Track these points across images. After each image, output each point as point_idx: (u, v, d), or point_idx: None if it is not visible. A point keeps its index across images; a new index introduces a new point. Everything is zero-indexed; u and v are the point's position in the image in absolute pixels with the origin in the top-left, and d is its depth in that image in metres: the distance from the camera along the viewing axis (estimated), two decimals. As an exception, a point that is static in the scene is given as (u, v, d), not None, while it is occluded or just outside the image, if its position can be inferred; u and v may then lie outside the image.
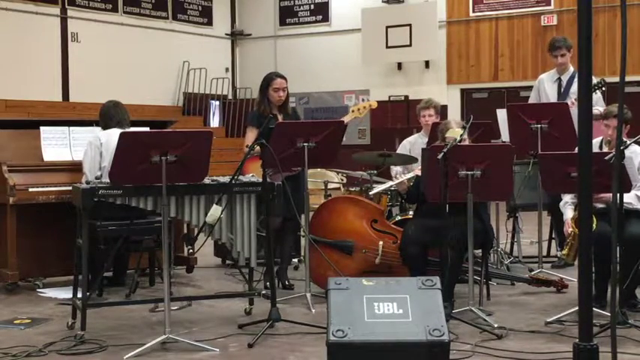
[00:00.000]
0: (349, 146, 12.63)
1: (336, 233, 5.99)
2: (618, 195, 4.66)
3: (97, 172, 5.83)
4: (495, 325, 4.88)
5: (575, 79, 7.27)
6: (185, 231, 6.65)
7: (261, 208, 5.13)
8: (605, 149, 5.44)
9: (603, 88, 6.91)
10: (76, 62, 14.47)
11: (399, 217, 6.37)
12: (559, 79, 7.46)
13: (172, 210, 4.84)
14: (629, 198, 5.20)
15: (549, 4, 14.51)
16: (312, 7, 16.74)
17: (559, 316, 5.01)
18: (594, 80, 6.88)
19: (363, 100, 15.80)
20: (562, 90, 7.40)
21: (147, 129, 6.56)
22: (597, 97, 7.00)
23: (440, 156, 4.91)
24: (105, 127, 6.12)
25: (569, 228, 5.36)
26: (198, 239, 5.19)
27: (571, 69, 7.44)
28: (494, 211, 7.21)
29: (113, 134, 5.80)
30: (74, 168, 6.20)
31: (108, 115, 6.14)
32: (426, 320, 3.65)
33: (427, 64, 15.49)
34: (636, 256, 5.04)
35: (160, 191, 4.56)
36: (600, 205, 5.21)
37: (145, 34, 15.67)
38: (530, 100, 7.76)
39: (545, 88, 7.53)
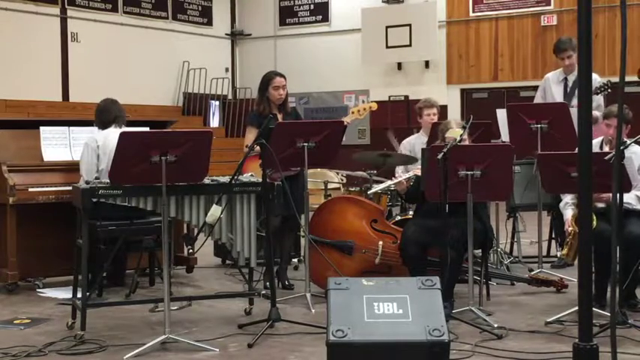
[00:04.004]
0: (349, 146, 12.63)
1: (336, 233, 5.99)
2: (618, 195, 4.66)
3: (94, 174, 5.80)
4: (495, 325, 4.88)
5: None
6: (185, 231, 6.66)
7: (261, 208, 5.13)
8: (606, 149, 5.44)
9: (609, 90, 6.89)
10: (76, 62, 14.47)
11: (399, 217, 6.37)
12: (565, 79, 7.43)
13: (172, 210, 4.84)
14: (629, 198, 5.20)
15: (549, 4, 14.50)
16: (312, 7, 16.74)
17: (559, 316, 5.01)
18: (599, 82, 6.89)
19: (363, 100, 15.80)
20: (568, 90, 7.37)
21: (147, 129, 6.56)
22: (599, 100, 6.97)
23: (440, 156, 4.91)
24: (101, 124, 6.08)
25: (569, 227, 5.36)
26: (198, 239, 5.19)
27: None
28: (495, 211, 7.21)
29: (110, 135, 5.80)
30: (74, 168, 6.19)
31: (106, 109, 6.09)
32: (426, 320, 3.65)
33: (427, 64, 15.49)
34: (636, 255, 5.04)
35: (160, 191, 4.56)
36: (600, 205, 5.21)
37: (145, 34, 15.67)
38: (536, 100, 7.71)
39: (552, 88, 7.48)
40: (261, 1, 17.25)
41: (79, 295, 4.91)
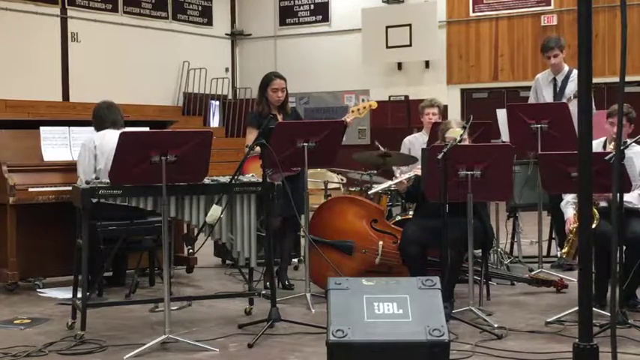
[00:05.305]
0: (349, 146, 12.62)
1: (336, 233, 5.99)
2: (619, 195, 4.66)
3: (91, 175, 5.78)
4: (495, 325, 4.88)
5: (570, 79, 7.23)
6: (185, 231, 6.66)
7: (261, 208, 5.13)
8: (610, 148, 5.42)
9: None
10: (76, 62, 14.46)
11: (399, 217, 6.36)
12: (554, 79, 7.42)
13: (172, 210, 4.84)
14: (631, 197, 5.20)
15: (549, 4, 14.50)
16: (312, 7, 16.73)
17: (559, 316, 5.01)
18: None
19: (363, 100, 15.80)
20: (557, 90, 7.37)
21: (147, 129, 6.56)
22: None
23: (440, 156, 4.91)
24: (98, 128, 6.10)
25: (570, 225, 5.34)
26: (198, 239, 5.19)
27: (566, 68, 7.37)
28: (494, 211, 7.21)
29: (108, 136, 5.81)
30: (74, 168, 6.18)
31: (101, 116, 6.10)
32: (426, 320, 3.65)
33: (427, 64, 15.49)
34: (638, 255, 5.04)
35: (160, 191, 4.56)
36: (603, 204, 5.20)
37: (145, 34, 15.66)
38: (530, 100, 7.73)
39: (542, 89, 7.49)
40: (261, 1, 17.25)
41: (79, 295, 4.91)
